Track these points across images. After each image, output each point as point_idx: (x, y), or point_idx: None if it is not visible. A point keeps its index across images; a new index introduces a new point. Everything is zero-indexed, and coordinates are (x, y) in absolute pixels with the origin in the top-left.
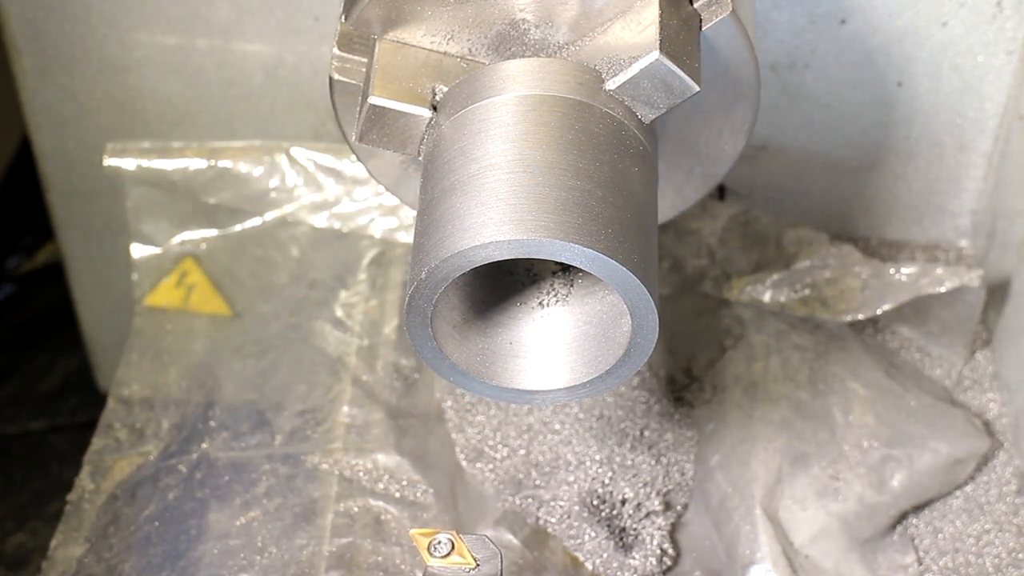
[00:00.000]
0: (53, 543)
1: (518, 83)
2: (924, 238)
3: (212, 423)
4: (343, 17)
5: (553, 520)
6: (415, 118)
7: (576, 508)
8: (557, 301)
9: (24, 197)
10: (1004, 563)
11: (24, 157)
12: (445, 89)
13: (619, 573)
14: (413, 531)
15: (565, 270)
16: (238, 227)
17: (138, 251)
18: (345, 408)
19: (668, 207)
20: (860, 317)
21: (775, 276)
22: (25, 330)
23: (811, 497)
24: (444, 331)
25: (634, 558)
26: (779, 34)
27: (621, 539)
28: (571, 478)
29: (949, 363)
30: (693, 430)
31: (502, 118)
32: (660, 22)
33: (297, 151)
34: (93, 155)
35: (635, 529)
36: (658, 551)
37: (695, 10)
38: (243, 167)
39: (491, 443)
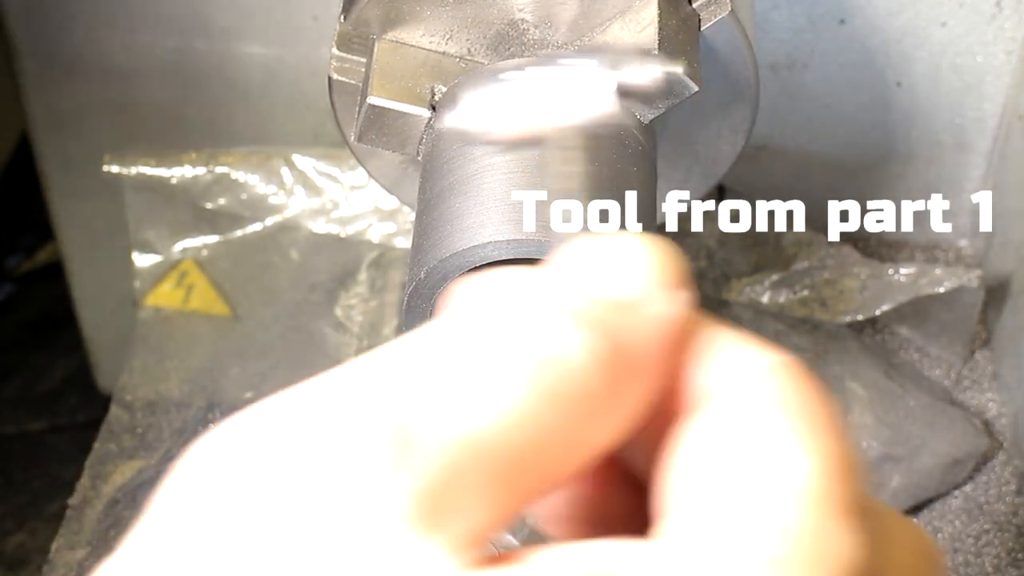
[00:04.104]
0: (54, 546)
1: None
2: (924, 238)
3: (212, 425)
4: (342, 17)
5: None
6: (414, 118)
7: None
8: None
9: (24, 197)
10: (1003, 563)
11: (23, 156)
12: (444, 89)
13: None
14: None
15: None
16: (239, 232)
17: (140, 259)
18: None
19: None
20: (859, 318)
21: (774, 277)
22: (25, 330)
23: None
24: None
25: None
26: (778, 34)
27: None
28: None
29: (948, 363)
30: None
31: None
32: (659, 22)
33: (296, 157)
34: (93, 155)
35: None
36: None
37: (694, 10)
38: (242, 173)
39: None
